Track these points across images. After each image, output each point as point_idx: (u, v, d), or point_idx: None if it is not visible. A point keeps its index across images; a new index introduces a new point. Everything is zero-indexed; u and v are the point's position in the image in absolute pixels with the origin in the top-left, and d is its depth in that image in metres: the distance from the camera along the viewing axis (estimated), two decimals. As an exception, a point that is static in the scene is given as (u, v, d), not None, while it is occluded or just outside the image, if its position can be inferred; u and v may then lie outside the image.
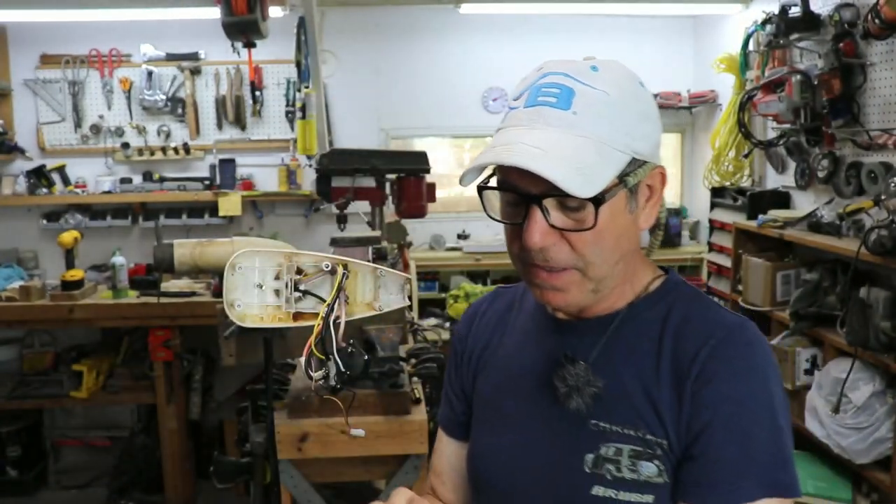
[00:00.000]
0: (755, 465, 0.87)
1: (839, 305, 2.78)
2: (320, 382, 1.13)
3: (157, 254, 1.88)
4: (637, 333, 0.96)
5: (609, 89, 0.89)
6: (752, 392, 0.89)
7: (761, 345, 0.93)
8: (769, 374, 0.91)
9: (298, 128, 3.64)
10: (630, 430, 0.92)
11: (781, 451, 0.88)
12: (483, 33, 4.42)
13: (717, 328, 0.92)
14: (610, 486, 0.91)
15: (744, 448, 0.87)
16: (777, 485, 0.87)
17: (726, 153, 3.83)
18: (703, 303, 0.98)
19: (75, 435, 4.34)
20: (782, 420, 0.90)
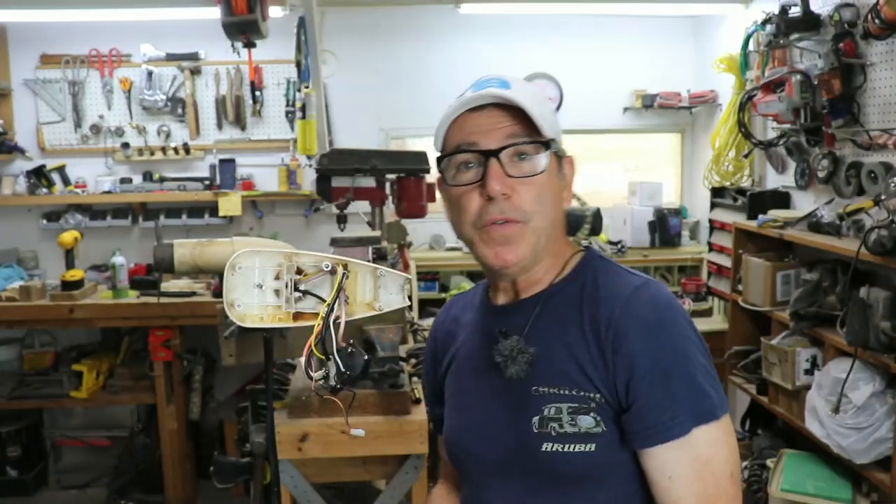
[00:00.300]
0: (679, 403, 1.00)
1: (839, 305, 2.78)
2: (320, 382, 1.13)
3: (157, 254, 1.88)
4: (561, 305, 1.11)
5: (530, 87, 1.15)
6: (662, 340, 1.03)
7: (664, 297, 1.07)
8: (676, 320, 1.04)
9: (298, 128, 3.64)
10: (565, 390, 1.05)
11: (699, 384, 1.01)
12: (483, 33, 4.42)
13: (623, 289, 1.07)
14: (556, 441, 1.05)
15: (666, 391, 1.01)
16: (703, 414, 1.01)
17: (726, 153, 3.83)
18: (612, 269, 1.13)
19: (75, 435, 4.34)
20: (695, 355, 1.03)
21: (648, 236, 4.32)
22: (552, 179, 1.10)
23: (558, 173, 1.12)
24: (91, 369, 3.87)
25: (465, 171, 1.10)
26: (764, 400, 3.21)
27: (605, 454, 1.04)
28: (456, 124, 1.10)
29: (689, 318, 1.07)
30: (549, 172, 1.09)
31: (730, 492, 1.02)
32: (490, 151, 1.06)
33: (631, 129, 4.58)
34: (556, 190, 1.11)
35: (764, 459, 3.12)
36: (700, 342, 1.05)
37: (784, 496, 2.77)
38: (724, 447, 1.02)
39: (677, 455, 1.00)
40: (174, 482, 3.90)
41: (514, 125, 1.07)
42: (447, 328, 1.30)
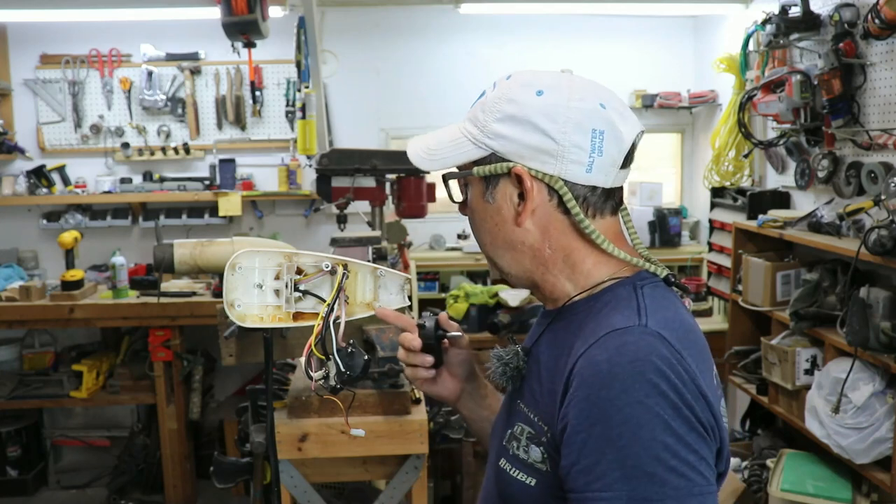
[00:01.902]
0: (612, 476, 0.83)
1: (839, 305, 2.78)
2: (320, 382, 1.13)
3: (157, 254, 1.88)
4: (564, 328, 1.00)
5: (493, 93, 1.01)
6: (605, 397, 0.85)
7: (633, 350, 0.87)
8: (631, 382, 0.84)
9: (298, 128, 3.64)
10: (532, 413, 0.98)
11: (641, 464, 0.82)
12: (483, 33, 4.43)
13: (602, 329, 0.91)
14: (509, 461, 1.00)
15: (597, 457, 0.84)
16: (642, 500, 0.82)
17: (726, 153, 3.83)
18: (624, 303, 0.95)
19: (75, 435, 4.35)
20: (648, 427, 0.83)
21: (648, 236, 4.32)
22: (476, 202, 1.03)
23: (486, 196, 1.01)
24: (91, 369, 3.87)
25: None
26: (764, 400, 3.21)
27: (543, 495, 0.95)
28: None
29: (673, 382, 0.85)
30: (473, 198, 1.03)
31: None
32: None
33: (631, 129, 4.57)
34: (484, 214, 1.02)
35: (764, 459, 3.12)
36: (675, 414, 0.84)
37: (784, 496, 2.77)
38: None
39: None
40: (174, 482, 3.90)
41: None
42: None
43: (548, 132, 0.95)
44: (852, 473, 2.74)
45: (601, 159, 0.96)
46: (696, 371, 0.88)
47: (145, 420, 4.24)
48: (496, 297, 3.90)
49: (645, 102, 4.38)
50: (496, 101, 0.99)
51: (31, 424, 4.13)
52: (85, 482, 4.20)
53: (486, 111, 0.99)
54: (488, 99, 1.00)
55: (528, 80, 0.99)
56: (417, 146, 1.06)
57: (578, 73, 1.14)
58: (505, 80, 1.01)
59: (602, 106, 0.96)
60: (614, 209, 1.02)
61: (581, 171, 0.96)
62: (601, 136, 0.95)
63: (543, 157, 0.96)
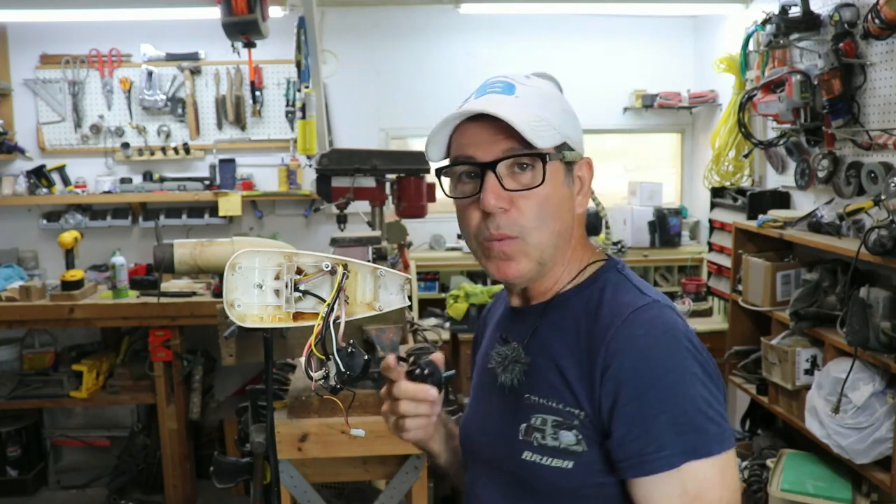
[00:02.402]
0: (667, 435, 0.94)
1: (839, 305, 2.78)
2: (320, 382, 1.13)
3: (157, 254, 1.88)
4: (565, 316, 1.07)
5: (539, 87, 1.08)
6: (652, 366, 0.96)
7: (665, 320, 1.00)
8: (672, 347, 0.97)
9: (298, 128, 3.64)
10: (553, 402, 1.03)
11: (692, 417, 0.95)
12: (483, 33, 4.43)
13: (624, 309, 1.01)
14: (536, 452, 1.03)
15: (651, 421, 0.95)
16: (695, 449, 0.94)
17: (726, 153, 3.83)
18: (623, 285, 1.07)
19: (75, 435, 4.35)
20: (691, 386, 0.96)
21: (648, 236, 4.32)
22: (557, 189, 1.05)
23: (566, 179, 1.06)
24: (91, 369, 3.87)
25: (465, 181, 1.06)
26: (764, 400, 3.21)
27: (583, 474, 1.01)
28: (457, 132, 1.06)
29: (695, 344, 0.99)
30: (552, 182, 1.03)
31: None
32: (485, 164, 1.02)
33: (631, 129, 4.58)
34: (562, 199, 1.06)
35: (764, 459, 3.11)
36: (703, 371, 0.97)
37: (784, 496, 2.77)
38: (718, 485, 0.95)
39: (664, 488, 0.95)
40: (174, 482, 3.90)
41: (510, 138, 1.01)
42: (485, 320, 1.31)
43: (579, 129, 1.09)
44: (852, 473, 2.74)
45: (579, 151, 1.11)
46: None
47: (145, 420, 4.24)
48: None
49: (645, 102, 4.38)
50: (556, 95, 1.09)
51: (31, 424, 4.13)
52: (85, 482, 4.20)
53: (552, 102, 1.07)
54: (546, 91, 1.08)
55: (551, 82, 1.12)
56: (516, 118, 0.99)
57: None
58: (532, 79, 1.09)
59: None
60: None
61: None
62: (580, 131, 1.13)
63: (581, 147, 1.10)
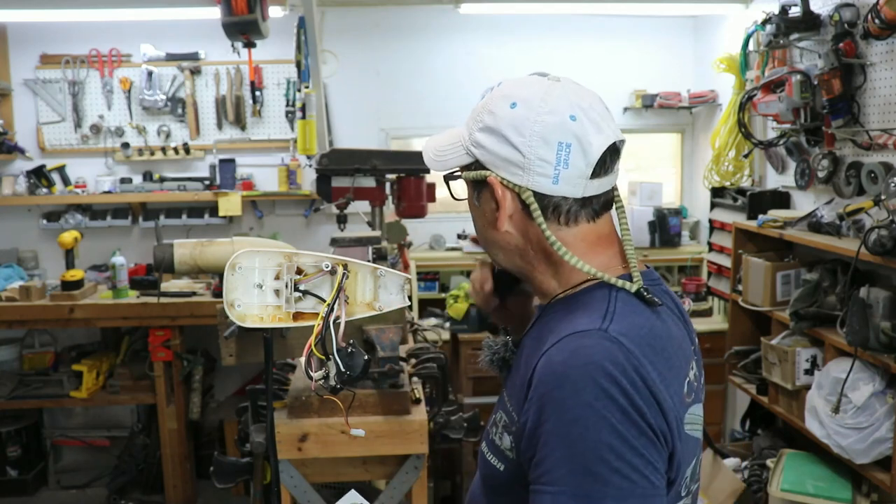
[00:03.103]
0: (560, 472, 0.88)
1: (839, 305, 2.78)
2: (320, 382, 1.13)
3: (157, 254, 1.88)
4: (544, 325, 1.05)
5: (482, 100, 1.06)
6: (557, 398, 0.90)
7: (587, 354, 0.91)
8: (581, 384, 0.89)
9: (298, 128, 3.64)
10: (510, 403, 1.05)
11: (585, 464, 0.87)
12: (483, 33, 4.42)
13: (565, 330, 0.96)
14: (488, 447, 1.08)
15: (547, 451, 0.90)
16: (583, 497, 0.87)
17: (726, 153, 3.83)
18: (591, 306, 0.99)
19: (75, 435, 4.35)
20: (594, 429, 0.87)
21: (648, 236, 4.32)
22: (470, 204, 1.10)
23: (475, 200, 1.08)
24: (91, 369, 3.87)
25: None
26: (764, 400, 3.21)
27: (509, 478, 1.03)
28: None
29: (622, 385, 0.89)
30: (467, 200, 1.10)
31: None
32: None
33: (631, 129, 4.58)
34: (476, 214, 1.10)
35: (764, 459, 3.12)
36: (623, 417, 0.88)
37: (784, 496, 2.77)
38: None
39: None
40: (174, 482, 3.90)
41: None
42: None
43: (515, 145, 0.99)
44: (852, 473, 2.74)
45: (567, 171, 0.99)
46: (655, 377, 0.92)
47: (145, 420, 4.24)
48: (496, 297, 3.90)
49: (645, 102, 4.38)
50: (480, 110, 1.04)
51: (31, 424, 4.13)
52: (85, 482, 4.20)
53: (473, 120, 1.05)
54: (477, 107, 1.06)
55: (508, 91, 1.03)
56: (430, 145, 1.11)
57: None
58: (495, 88, 1.06)
59: (572, 118, 0.98)
60: (593, 215, 1.04)
61: (547, 182, 0.99)
62: (567, 149, 0.98)
63: (513, 168, 1.01)
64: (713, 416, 3.96)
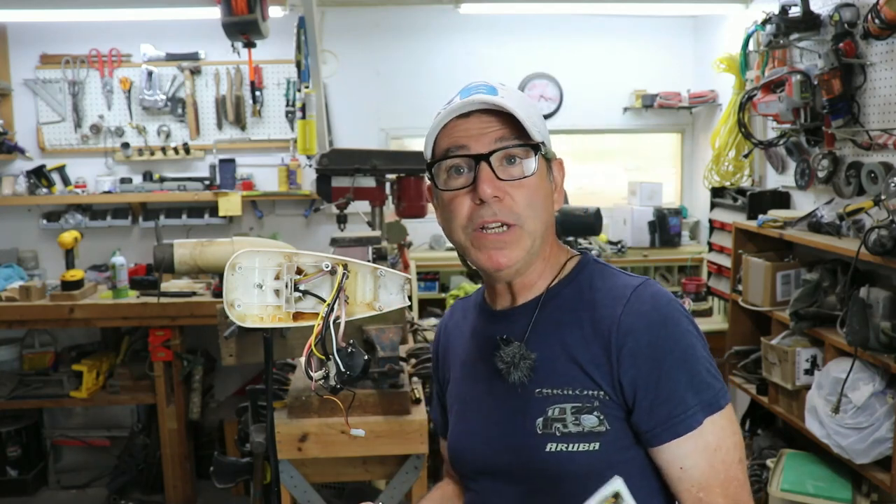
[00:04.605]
0: (689, 396, 1.03)
1: (839, 305, 2.78)
2: (320, 382, 1.13)
3: (157, 254, 1.88)
4: (559, 308, 1.12)
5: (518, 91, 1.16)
6: (666, 336, 1.05)
7: (664, 295, 1.09)
8: (678, 317, 1.07)
9: (298, 128, 3.64)
10: (568, 390, 1.07)
11: (704, 377, 1.05)
12: (483, 33, 4.42)
13: (624, 290, 1.09)
14: (560, 441, 1.06)
15: (675, 386, 1.03)
16: (710, 405, 1.04)
17: (726, 153, 3.83)
18: (608, 272, 1.15)
19: (75, 435, 4.35)
20: (698, 349, 1.06)
21: (648, 236, 4.32)
22: (542, 182, 1.11)
23: (548, 176, 1.13)
24: (91, 369, 3.87)
25: (455, 175, 1.10)
26: (764, 400, 3.21)
27: (610, 452, 1.05)
28: (445, 130, 1.11)
29: (688, 313, 1.10)
30: (539, 175, 1.10)
31: (739, 478, 1.04)
32: (480, 155, 1.07)
33: (631, 129, 4.58)
34: (546, 193, 1.12)
35: (764, 459, 3.12)
36: (700, 336, 1.09)
37: (784, 496, 2.77)
38: (731, 435, 1.05)
39: (689, 446, 1.03)
40: (174, 482, 3.90)
41: (503, 129, 1.08)
42: (450, 332, 1.32)
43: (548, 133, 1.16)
44: (852, 473, 2.74)
45: None
46: None
47: (145, 420, 4.24)
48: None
49: (645, 102, 4.38)
50: (531, 101, 1.17)
51: (31, 424, 4.13)
52: (85, 482, 4.20)
53: (530, 105, 1.12)
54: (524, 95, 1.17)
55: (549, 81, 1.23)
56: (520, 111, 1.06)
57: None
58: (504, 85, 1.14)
59: None
60: None
61: None
62: None
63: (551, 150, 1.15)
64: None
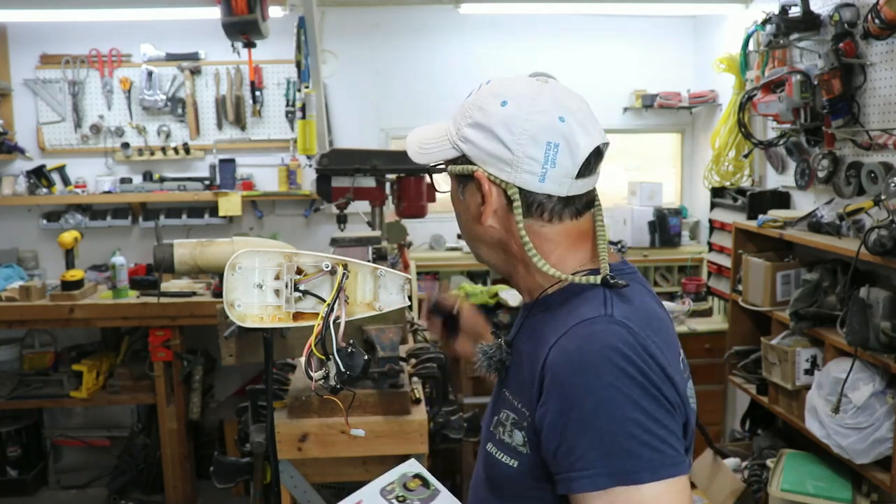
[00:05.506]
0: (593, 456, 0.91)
1: (839, 305, 2.78)
2: (320, 382, 1.13)
3: (157, 254, 1.88)
4: (541, 320, 1.07)
5: (470, 97, 1.08)
6: (576, 384, 0.93)
7: (602, 338, 0.95)
8: (601, 366, 0.92)
9: (298, 128, 3.64)
10: (516, 400, 1.05)
11: (618, 441, 0.90)
12: (483, 33, 4.42)
13: (570, 320, 0.99)
14: (495, 445, 1.08)
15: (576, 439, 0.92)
16: (621, 474, 0.90)
17: (726, 153, 3.83)
18: (591, 296, 1.02)
19: (75, 435, 4.35)
20: (621, 408, 0.91)
21: (648, 236, 4.32)
22: (454, 198, 1.13)
23: (459, 194, 1.11)
24: (91, 369, 3.87)
25: None
26: (764, 400, 3.21)
27: (524, 475, 1.03)
28: None
29: (638, 365, 0.93)
30: (451, 194, 1.13)
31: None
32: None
33: (631, 129, 4.58)
34: (460, 209, 1.13)
35: (764, 459, 3.12)
36: (643, 393, 0.92)
37: (784, 496, 2.77)
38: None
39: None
40: (174, 482, 3.91)
41: None
42: None
43: (505, 142, 1.02)
44: (852, 473, 2.74)
45: (554, 170, 1.02)
46: (661, 354, 0.97)
47: (145, 420, 4.24)
48: (496, 297, 3.90)
49: (645, 102, 4.38)
50: (470, 106, 1.06)
51: (31, 424, 4.13)
52: (85, 482, 4.20)
53: (461, 115, 1.07)
54: (465, 103, 1.08)
55: (498, 89, 1.05)
56: (414, 138, 1.14)
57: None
58: (484, 86, 1.08)
59: (561, 119, 1.01)
60: (576, 214, 1.08)
61: (534, 180, 1.02)
62: (555, 149, 1.01)
63: (501, 165, 1.03)
64: (713, 416, 3.96)
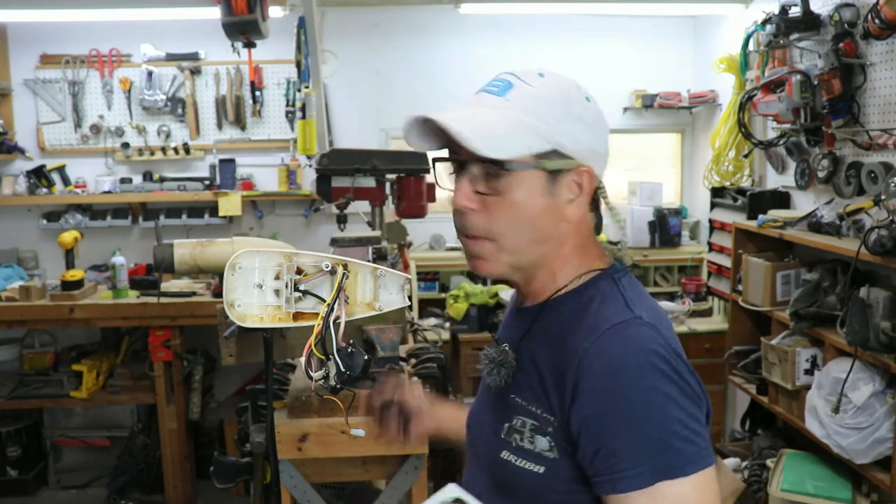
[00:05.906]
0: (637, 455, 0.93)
1: (839, 305, 2.78)
2: (320, 382, 1.13)
3: (157, 254, 1.88)
4: (553, 322, 1.06)
5: (543, 88, 1.03)
6: (619, 386, 0.94)
7: (641, 339, 0.97)
8: (644, 366, 0.94)
9: (298, 128, 3.64)
10: (533, 406, 1.03)
11: (662, 438, 0.93)
12: (483, 33, 4.42)
13: (601, 324, 0.99)
14: (513, 453, 1.05)
15: (620, 440, 0.93)
16: (667, 469, 0.92)
17: (726, 153, 3.83)
18: (612, 297, 1.04)
19: (75, 435, 4.35)
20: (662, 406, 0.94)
21: (648, 236, 4.32)
22: (532, 198, 1.01)
23: (547, 189, 1.01)
24: (91, 369, 3.87)
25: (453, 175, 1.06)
26: (764, 400, 3.21)
27: (553, 480, 1.01)
28: None
29: (673, 365, 0.96)
30: (526, 191, 1.00)
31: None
32: (460, 162, 1.02)
33: (631, 129, 4.58)
34: (540, 208, 1.01)
35: (764, 459, 3.12)
36: (679, 392, 0.95)
37: (784, 496, 2.77)
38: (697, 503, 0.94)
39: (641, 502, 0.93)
40: (174, 482, 3.90)
41: None
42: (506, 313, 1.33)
43: (603, 138, 1.07)
44: (852, 473, 2.74)
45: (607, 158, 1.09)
46: (682, 350, 1.00)
47: (145, 420, 4.24)
48: (496, 297, 3.90)
49: (645, 102, 4.38)
50: (560, 98, 1.02)
51: (31, 424, 4.13)
52: (85, 482, 4.20)
53: (551, 106, 1.01)
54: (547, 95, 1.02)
55: (572, 83, 1.06)
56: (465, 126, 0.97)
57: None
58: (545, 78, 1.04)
59: None
60: None
61: (602, 171, 1.08)
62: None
63: (598, 161, 1.06)
64: (713, 416, 3.95)
